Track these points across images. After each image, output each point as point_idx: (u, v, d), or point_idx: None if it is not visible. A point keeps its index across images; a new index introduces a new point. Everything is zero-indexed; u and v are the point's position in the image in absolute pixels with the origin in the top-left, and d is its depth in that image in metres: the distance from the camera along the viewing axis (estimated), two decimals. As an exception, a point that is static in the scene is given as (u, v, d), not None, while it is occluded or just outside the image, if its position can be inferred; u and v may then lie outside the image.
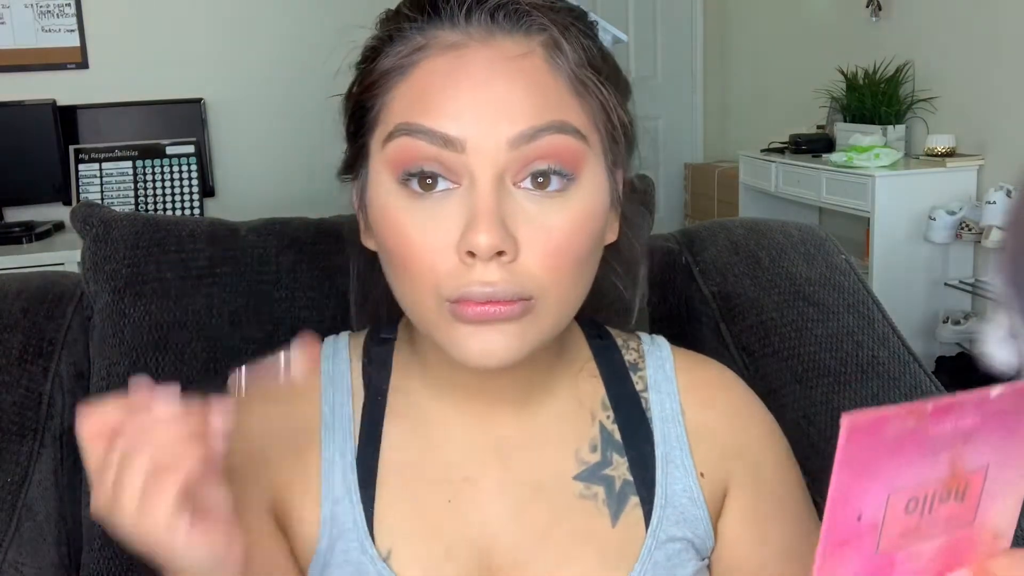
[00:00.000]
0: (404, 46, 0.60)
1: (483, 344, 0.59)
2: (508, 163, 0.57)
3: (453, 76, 0.58)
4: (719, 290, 1.06)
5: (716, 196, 4.76)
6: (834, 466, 0.40)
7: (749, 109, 5.06)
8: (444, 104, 0.57)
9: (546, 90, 0.59)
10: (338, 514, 0.67)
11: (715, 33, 5.35)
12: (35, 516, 0.89)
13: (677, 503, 0.70)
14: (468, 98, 0.57)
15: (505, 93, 0.57)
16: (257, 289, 1.00)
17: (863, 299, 1.04)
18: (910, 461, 0.42)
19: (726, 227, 1.12)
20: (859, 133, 3.49)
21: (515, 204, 0.58)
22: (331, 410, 0.70)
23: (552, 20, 0.60)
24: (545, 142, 0.58)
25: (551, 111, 0.58)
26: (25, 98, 2.90)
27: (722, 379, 0.76)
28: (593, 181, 0.61)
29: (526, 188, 0.58)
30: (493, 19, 0.59)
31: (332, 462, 0.68)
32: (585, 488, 0.69)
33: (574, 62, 0.60)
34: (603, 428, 0.71)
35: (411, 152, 0.58)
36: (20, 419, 0.92)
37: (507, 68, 0.58)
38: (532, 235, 0.58)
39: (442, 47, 0.59)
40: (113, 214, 1.03)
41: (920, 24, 3.59)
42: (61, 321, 0.99)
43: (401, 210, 0.59)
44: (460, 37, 0.59)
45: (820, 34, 4.28)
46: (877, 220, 3.26)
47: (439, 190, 0.58)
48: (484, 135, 0.57)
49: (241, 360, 1.01)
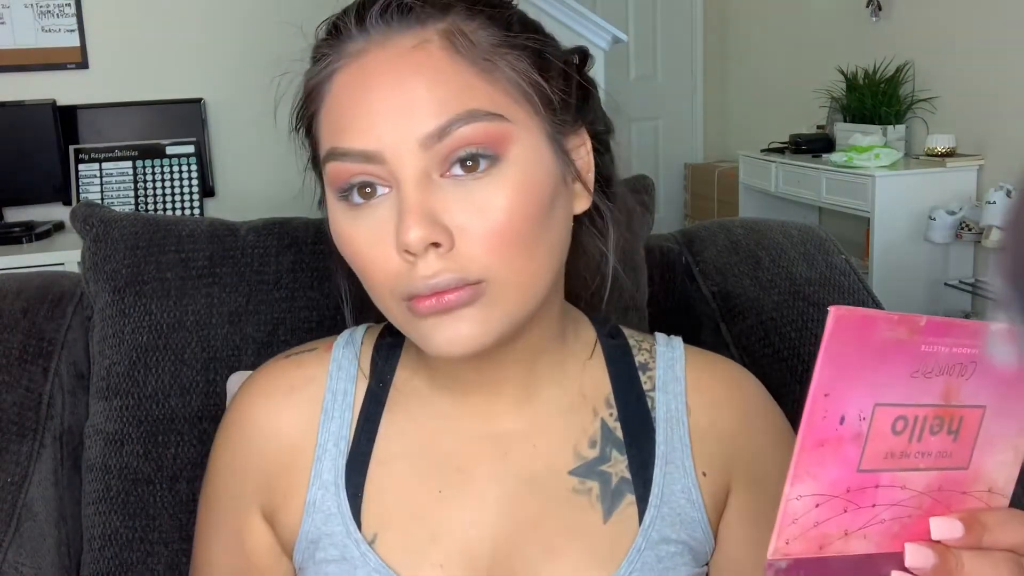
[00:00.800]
0: (319, 65, 0.63)
1: (446, 334, 0.60)
2: (427, 161, 0.58)
3: (361, 88, 0.60)
4: (719, 290, 1.06)
5: (716, 196, 4.76)
6: (817, 358, 0.40)
7: (749, 109, 5.06)
8: (357, 121, 0.59)
9: (448, 81, 0.59)
10: (323, 499, 0.68)
11: (715, 33, 5.34)
12: (35, 516, 0.89)
13: (674, 504, 0.69)
14: (376, 108, 0.59)
15: (409, 94, 0.58)
16: (257, 289, 1.00)
17: (863, 299, 1.04)
18: (899, 373, 0.42)
19: (726, 227, 1.12)
20: (859, 133, 3.49)
21: (444, 194, 0.58)
22: (333, 396, 0.71)
23: (446, 5, 0.61)
24: (457, 135, 0.58)
25: (457, 102, 0.58)
26: (25, 98, 2.90)
27: (734, 378, 0.75)
28: (526, 154, 0.60)
29: (455, 175, 0.59)
30: (385, 18, 0.60)
31: (324, 448, 0.69)
32: (579, 483, 0.69)
33: (481, 42, 0.60)
34: (604, 424, 0.71)
35: (341, 173, 0.60)
36: (20, 419, 0.92)
37: (407, 65, 0.59)
38: (468, 220, 0.59)
39: (347, 57, 0.61)
40: (113, 214, 1.03)
41: (920, 24, 3.59)
42: (61, 321, 0.99)
43: (346, 223, 0.62)
44: (362, 44, 0.61)
45: (820, 34, 4.28)
46: (877, 220, 3.26)
47: (378, 196, 0.60)
48: (397, 143, 0.58)
49: (241, 360, 1.02)
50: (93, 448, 0.96)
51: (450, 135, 0.58)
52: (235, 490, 0.72)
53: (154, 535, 0.94)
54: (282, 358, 0.75)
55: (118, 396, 0.96)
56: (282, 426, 0.70)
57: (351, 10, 0.62)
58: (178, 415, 0.96)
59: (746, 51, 5.09)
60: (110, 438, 0.96)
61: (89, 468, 0.96)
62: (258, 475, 0.71)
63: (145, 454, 0.95)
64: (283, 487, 0.70)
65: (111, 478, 0.95)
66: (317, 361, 0.73)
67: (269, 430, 0.71)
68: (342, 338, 0.75)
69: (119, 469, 0.95)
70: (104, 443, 0.96)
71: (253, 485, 0.71)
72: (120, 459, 0.95)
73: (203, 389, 0.97)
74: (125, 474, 0.95)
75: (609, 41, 3.25)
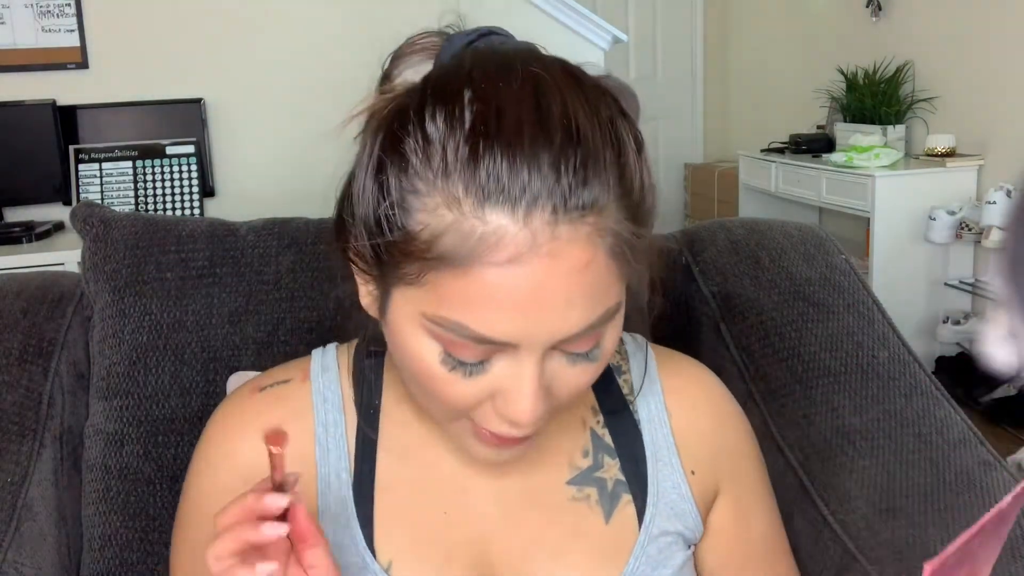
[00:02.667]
0: (455, 234, 0.52)
1: (492, 457, 0.63)
2: (556, 345, 0.57)
3: (512, 291, 0.53)
4: (719, 290, 1.06)
5: (716, 196, 4.76)
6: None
7: (749, 109, 5.06)
8: (502, 315, 0.54)
9: (601, 284, 0.55)
10: (334, 533, 0.67)
11: (715, 33, 5.34)
12: (35, 516, 0.89)
13: (668, 499, 0.72)
14: (525, 309, 0.53)
15: (565, 302, 0.54)
16: (257, 289, 1.00)
17: (863, 299, 1.04)
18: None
19: (726, 227, 1.12)
20: (859, 133, 3.49)
21: (556, 366, 0.58)
22: (324, 429, 0.70)
23: (604, 201, 0.54)
24: (592, 335, 0.57)
25: (603, 301, 0.56)
26: (25, 98, 2.89)
27: (704, 381, 0.78)
28: (616, 322, 0.60)
29: (572, 353, 0.59)
30: (553, 224, 0.52)
31: (327, 482, 0.69)
32: (578, 491, 0.71)
33: (628, 240, 0.56)
34: (594, 433, 0.73)
35: (459, 346, 0.56)
36: (20, 419, 0.92)
37: (578, 285, 0.54)
38: (560, 387, 0.59)
39: (501, 257, 0.52)
40: (113, 214, 1.03)
41: (920, 24, 3.59)
42: (61, 321, 0.99)
43: (435, 366, 0.57)
44: (520, 244, 0.52)
45: (820, 34, 4.28)
46: (877, 220, 3.25)
47: (490, 360, 0.57)
48: (536, 336, 0.55)
49: (241, 360, 1.02)
50: (93, 448, 0.96)
51: (588, 333, 0.57)
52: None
53: (154, 535, 0.94)
54: (256, 391, 0.72)
55: (118, 396, 0.96)
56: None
57: (500, 181, 0.52)
58: (178, 415, 0.96)
59: (746, 51, 5.09)
60: (110, 438, 0.96)
61: (89, 468, 0.96)
62: None
63: (145, 454, 0.95)
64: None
65: (111, 478, 0.95)
66: (298, 394, 0.71)
67: (264, 466, 0.68)
68: (315, 364, 0.73)
69: (119, 469, 0.95)
70: (104, 443, 0.96)
71: None
72: (120, 459, 0.95)
73: (203, 389, 0.97)
74: (125, 474, 0.95)
75: (609, 41, 3.25)
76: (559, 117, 0.53)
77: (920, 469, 0.90)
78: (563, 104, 0.53)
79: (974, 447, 0.92)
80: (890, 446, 0.92)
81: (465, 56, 0.58)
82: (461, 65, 0.57)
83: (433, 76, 0.58)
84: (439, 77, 0.57)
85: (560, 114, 0.53)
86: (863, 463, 0.91)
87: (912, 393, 0.96)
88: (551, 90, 0.54)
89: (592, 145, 0.53)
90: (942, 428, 0.94)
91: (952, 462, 0.90)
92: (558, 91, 0.54)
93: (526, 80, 0.54)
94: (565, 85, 0.55)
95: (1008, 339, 0.40)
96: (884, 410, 0.95)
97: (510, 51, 0.58)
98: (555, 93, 0.54)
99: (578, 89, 0.55)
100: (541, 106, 0.53)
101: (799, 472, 0.93)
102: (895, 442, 0.92)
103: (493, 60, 0.56)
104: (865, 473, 0.90)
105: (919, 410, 0.95)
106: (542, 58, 0.57)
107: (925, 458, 0.91)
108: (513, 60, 0.56)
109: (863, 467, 0.91)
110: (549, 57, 0.58)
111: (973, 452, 0.92)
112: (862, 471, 0.91)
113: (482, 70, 0.55)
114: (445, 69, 0.58)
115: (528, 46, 0.61)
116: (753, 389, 1.00)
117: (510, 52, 0.58)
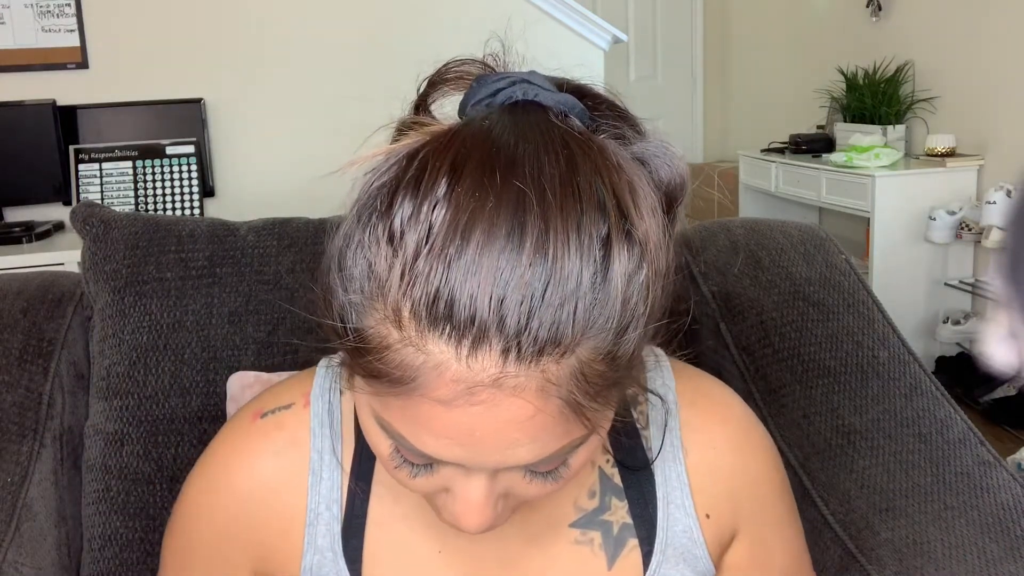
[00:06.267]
0: (397, 355, 0.47)
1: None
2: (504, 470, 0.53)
3: (448, 428, 0.48)
4: (719, 290, 1.06)
5: (716, 196, 4.76)
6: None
7: (749, 109, 5.06)
8: (440, 445, 0.50)
9: (552, 430, 0.49)
10: (320, 564, 0.66)
11: (715, 33, 5.34)
12: (35, 516, 0.89)
13: (677, 544, 0.68)
14: (464, 444, 0.49)
15: (505, 445, 0.49)
16: (257, 289, 1.00)
17: (863, 299, 1.04)
18: None
19: (726, 227, 1.12)
20: (859, 133, 3.49)
21: (508, 475, 0.54)
22: (319, 456, 0.68)
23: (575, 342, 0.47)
24: (547, 463, 0.53)
25: (559, 439, 0.50)
26: (25, 98, 2.89)
27: (726, 410, 0.72)
28: (590, 444, 0.54)
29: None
30: (503, 361, 0.46)
31: (317, 513, 0.67)
32: (581, 534, 0.67)
33: (596, 388, 0.49)
34: (602, 473, 0.69)
35: (405, 450, 0.53)
36: (20, 419, 0.92)
37: (508, 427, 0.48)
38: (522, 492, 0.55)
39: (437, 394, 0.47)
40: (113, 214, 1.03)
41: (920, 24, 3.59)
42: (61, 321, 0.99)
43: (386, 457, 0.55)
44: (457, 386, 0.46)
45: (820, 34, 4.28)
46: (877, 220, 3.25)
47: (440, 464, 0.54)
48: (481, 463, 0.51)
49: (241, 360, 1.02)
50: (93, 448, 0.96)
51: (543, 463, 0.52)
52: (224, 554, 0.69)
53: (154, 535, 0.94)
54: (256, 418, 0.70)
55: (118, 396, 0.96)
56: (273, 491, 0.68)
57: (447, 307, 0.45)
58: (178, 415, 0.96)
59: (746, 51, 5.09)
60: (110, 438, 0.96)
61: (89, 468, 0.96)
62: (251, 540, 0.68)
63: (145, 454, 0.95)
64: (279, 552, 0.68)
65: (111, 478, 0.95)
66: (297, 421, 0.69)
67: (260, 496, 0.68)
68: (317, 385, 0.71)
69: (119, 469, 0.95)
70: (104, 443, 0.96)
71: (247, 550, 0.68)
72: (120, 459, 0.95)
73: (203, 389, 0.97)
74: (125, 474, 0.95)
75: (609, 41, 3.25)
76: (533, 243, 0.45)
77: (920, 469, 0.90)
78: (542, 226, 0.46)
79: (974, 447, 0.92)
80: (890, 446, 0.92)
81: (465, 133, 0.50)
82: (451, 142, 0.50)
83: (423, 151, 0.50)
84: (426, 155, 0.49)
85: (536, 239, 0.45)
86: (863, 463, 0.91)
87: (912, 393, 0.96)
88: (531, 208, 0.46)
89: (567, 273, 0.46)
90: (942, 428, 0.94)
91: (952, 462, 0.90)
92: (542, 209, 0.46)
93: (507, 190, 0.46)
94: (555, 196, 0.47)
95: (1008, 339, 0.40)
96: (884, 410, 0.95)
97: (511, 137, 0.50)
98: (536, 212, 0.46)
99: (572, 201, 0.47)
100: (515, 228, 0.45)
101: (799, 472, 0.93)
102: (895, 442, 0.92)
103: (487, 150, 0.48)
104: (865, 473, 0.90)
105: (919, 410, 0.95)
106: (548, 147, 0.49)
107: (925, 458, 0.91)
108: (510, 155, 0.48)
109: (863, 467, 0.91)
110: (558, 137, 0.50)
111: (973, 452, 0.92)
112: (862, 471, 0.91)
113: (467, 161, 0.48)
114: (436, 146, 0.50)
115: (548, 108, 0.53)
116: (753, 389, 1.00)
117: (509, 139, 0.50)
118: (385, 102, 0.64)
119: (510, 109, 0.53)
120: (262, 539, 0.68)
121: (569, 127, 0.52)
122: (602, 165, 0.50)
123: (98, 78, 2.96)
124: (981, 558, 0.81)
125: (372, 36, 3.09)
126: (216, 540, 0.68)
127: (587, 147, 0.50)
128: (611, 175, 0.50)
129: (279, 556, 0.68)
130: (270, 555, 0.68)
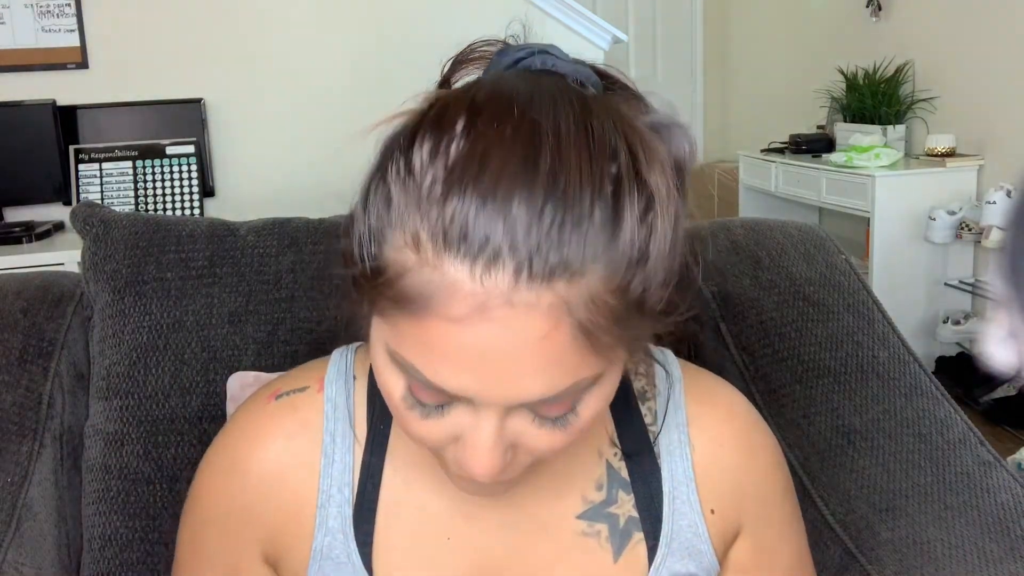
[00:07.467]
0: (414, 278, 0.49)
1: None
2: (516, 407, 0.54)
3: (460, 350, 0.50)
4: (719, 290, 1.06)
5: (716, 196, 4.76)
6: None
7: (749, 109, 5.06)
8: (452, 372, 0.51)
9: (564, 358, 0.50)
10: (331, 547, 0.67)
11: (715, 33, 5.34)
12: (35, 516, 0.89)
13: (682, 539, 0.69)
14: (476, 370, 0.50)
15: (516, 372, 0.50)
16: (257, 289, 1.00)
17: (863, 299, 1.04)
18: None
19: (726, 227, 1.12)
20: (859, 133, 3.49)
21: (523, 423, 0.55)
22: (332, 439, 0.69)
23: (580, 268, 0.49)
24: (563, 401, 0.54)
25: (570, 374, 0.51)
26: (25, 98, 2.89)
27: (732, 409, 0.74)
28: (599, 390, 0.55)
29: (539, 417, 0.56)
30: (515, 280, 0.47)
31: (329, 495, 0.68)
32: (588, 526, 0.68)
33: (611, 319, 0.50)
34: (610, 466, 0.70)
35: (417, 387, 0.54)
36: (20, 419, 0.92)
37: (520, 350, 0.49)
38: (528, 446, 0.56)
39: (451, 313, 0.48)
40: (113, 214, 1.03)
41: (920, 24, 3.59)
42: (61, 321, 0.99)
43: (398, 400, 0.56)
44: (471, 304, 0.48)
45: (820, 34, 4.28)
46: (877, 220, 3.26)
47: (453, 405, 0.55)
48: (491, 397, 0.52)
49: (241, 360, 1.02)
50: (93, 448, 0.96)
51: (553, 403, 0.53)
52: (236, 534, 0.69)
53: (154, 535, 0.94)
54: (272, 399, 0.71)
55: (118, 396, 0.96)
56: (285, 473, 0.68)
57: (463, 229, 0.48)
58: (178, 415, 0.96)
59: (746, 51, 5.09)
60: (110, 438, 0.96)
61: (89, 468, 0.96)
62: (262, 521, 0.69)
63: (145, 454, 0.95)
64: (289, 534, 0.68)
65: (111, 478, 0.95)
66: (311, 403, 0.70)
67: (272, 478, 0.68)
68: (332, 370, 0.71)
69: (119, 469, 0.95)
70: (104, 443, 0.96)
71: (258, 531, 0.69)
72: (120, 459, 0.95)
73: (203, 389, 0.97)
74: (125, 474, 0.95)
75: (609, 41, 3.25)
76: (546, 172, 0.48)
77: (920, 469, 0.90)
78: (555, 158, 0.48)
79: (974, 447, 0.92)
80: (890, 446, 0.92)
81: (484, 82, 0.55)
82: (470, 90, 0.53)
83: (442, 97, 0.54)
84: (446, 99, 0.53)
85: (548, 169, 0.48)
86: (863, 463, 0.91)
87: (912, 393, 0.96)
88: (546, 141, 0.49)
89: (578, 203, 0.48)
90: (942, 428, 0.94)
91: (952, 462, 0.91)
92: (556, 142, 0.49)
93: (523, 124, 0.49)
94: (569, 135, 0.49)
95: (1008, 339, 0.40)
96: (884, 410, 0.95)
97: (528, 87, 0.53)
98: (551, 144, 0.49)
99: (585, 139, 0.50)
100: (529, 158, 0.48)
101: (799, 472, 0.93)
102: (895, 442, 0.92)
103: (505, 93, 0.52)
104: (865, 473, 0.90)
105: (919, 410, 0.95)
106: (563, 96, 0.52)
107: (925, 458, 0.91)
108: (527, 96, 0.51)
109: (863, 467, 0.91)
110: (574, 93, 0.53)
111: (973, 452, 0.92)
112: (862, 471, 0.91)
113: (485, 102, 0.51)
114: (456, 92, 0.54)
115: (565, 75, 0.56)
116: (753, 389, 1.00)
117: (526, 88, 0.53)
118: (385, 102, 0.64)
119: (528, 72, 0.56)
120: (274, 520, 0.69)
121: (585, 92, 0.54)
122: (616, 118, 0.52)
123: (98, 78, 2.96)
124: (981, 558, 0.81)
125: (372, 36, 3.09)
126: (228, 520, 0.69)
127: (602, 104, 0.53)
128: (624, 127, 0.52)
129: (290, 537, 0.68)
130: (281, 536, 0.69)
